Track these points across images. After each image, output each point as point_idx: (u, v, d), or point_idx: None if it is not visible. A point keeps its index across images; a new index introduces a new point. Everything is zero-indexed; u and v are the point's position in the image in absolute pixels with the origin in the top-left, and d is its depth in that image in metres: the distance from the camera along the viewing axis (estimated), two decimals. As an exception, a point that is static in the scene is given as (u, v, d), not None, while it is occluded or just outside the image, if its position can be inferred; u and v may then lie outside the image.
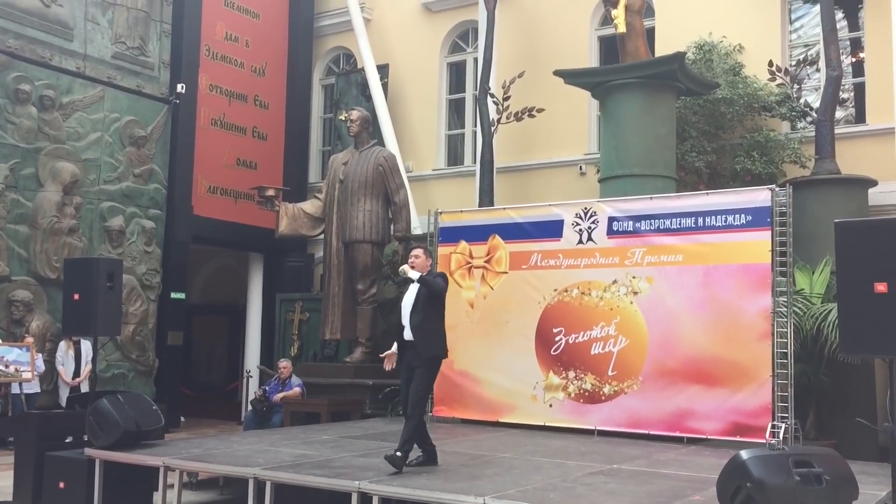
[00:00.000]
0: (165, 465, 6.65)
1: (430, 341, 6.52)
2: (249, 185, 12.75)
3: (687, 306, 8.23)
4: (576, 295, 8.90)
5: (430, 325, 6.54)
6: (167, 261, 12.65)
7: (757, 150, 10.44)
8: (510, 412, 9.06)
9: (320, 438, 7.97)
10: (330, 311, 11.39)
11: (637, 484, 5.90)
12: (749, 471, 4.38)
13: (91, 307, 7.45)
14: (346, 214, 11.33)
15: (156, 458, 6.73)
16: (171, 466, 6.66)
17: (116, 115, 12.10)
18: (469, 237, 9.66)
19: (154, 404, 7.62)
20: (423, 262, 6.71)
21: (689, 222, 8.34)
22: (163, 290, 12.55)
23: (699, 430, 8.05)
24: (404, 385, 6.64)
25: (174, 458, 6.72)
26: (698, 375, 8.07)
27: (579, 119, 12.39)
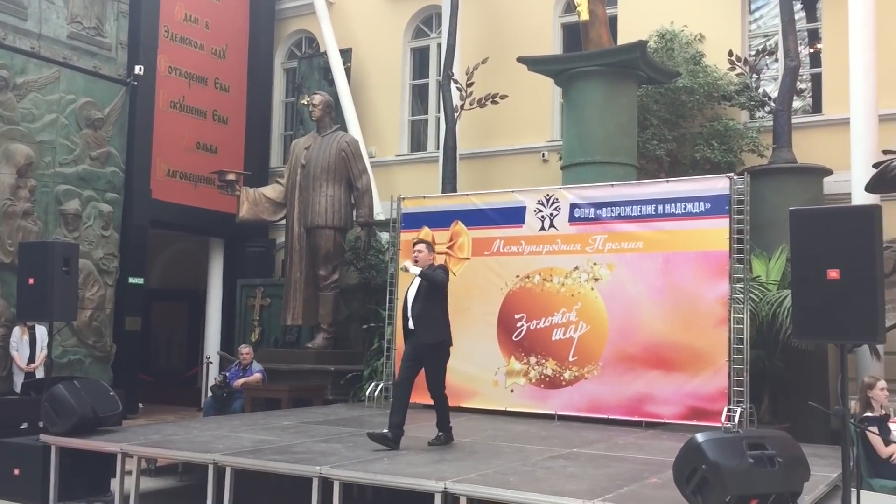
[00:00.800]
0: (123, 452, 6.59)
1: (430, 330, 6.81)
2: (210, 169, 12.61)
3: (646, 293, 8.34)
4: (538, 281, 8.97)
5: (431, 314, 6.83)
6: (125, 245, 12.46)
7: (716, 139, 10.57)
8: (472, 397, 9.11)
9: (281, 424, 7.95)
10: (291, 296, 11.33)
11: (596, 467, 5.99)
12: (704, 453, 4.46)
13: (46, 292, 7.33)
14: (308, 199, 11.26)
15: (113, 445, 6.67)
16: (128, 453, 6.60)
17: (72, 96, 11.85)
18: (432, 223, 9.67)
19: (111, 390, 7.54)
20: (426, 257, 6.99)
21: (650, 210, 8.45)
22: (120, 274, 12.36)
23: (657, 414, 8.19)
24: (403, 368, 6.92)
25: (132, 444, 6.66)
26: (657, 361, 8.20)
27: (542, 106, 12.44)
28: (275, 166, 14.78)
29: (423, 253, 6.97)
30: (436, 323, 6.83)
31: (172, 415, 12.11)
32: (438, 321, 6.85)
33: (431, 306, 6.83)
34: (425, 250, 7.01)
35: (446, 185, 11.45)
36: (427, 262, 6.96)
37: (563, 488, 5.20)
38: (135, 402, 12.10)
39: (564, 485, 5.32)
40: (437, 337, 6.83)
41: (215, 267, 14.52)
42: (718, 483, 4.39)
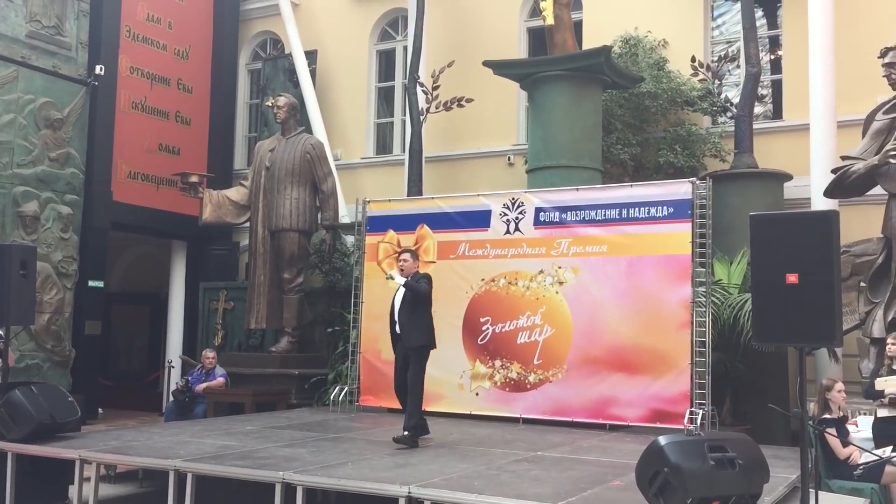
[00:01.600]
0: (81, 458, 6.48)
1: (416, 334, 7.16)
2: (172, 171, 12.46)
3: (611, 296, 8.41)
4: (503, 284, 9.00)
5: (417, 320, 7.16)
6: (85, 248, 12.25)
7: (679, 144, 10.69)
8: (437, 401, 9.10)
9: (244, 429, 7.87)
10: (255, 299, 11.25)
11: (560, 470, 6.02)
12: (666, 456, 4.50)
13: (3, 295, 7.20)
14: (272, 202, 11.19)
15: (71, 451, 6.56)
16: (87, 459, 6.49)
17: (31, 96, 11.64)
18: (397, 226, 9.67)
19: (70, 395, 7.42)
20: (410, 266, 7.27)
21: (614, 213, 8.52)
22: (80, 278, 12.16)
23: (621, 416, 8.25)
24: (398, 375, 7.30)
25: (91, 450, 6.55)
26: (621, 364, 8.27)
27: (508, 110, 12.48)
28: (239, 168, 14.64)
29: (408, 262, 7.24)
30: (420, 329, 7.16)
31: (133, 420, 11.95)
32: (422, 327, 7.18)
33: (417, 313, 7.14)
34: (410, 259, 7.27)
35: (412, 188, 11.45)
36: (412, 271, 7.20)
37: (527, 492, 5.22)
38: (94, 407, 11.91)
39: (529, 488, 5.34)
40: (421, 341, 7.16)
41: (178, 270, 14.36)
42: (680, 485, 4.44)
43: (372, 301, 9.56)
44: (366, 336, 9.63)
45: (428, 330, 7.23)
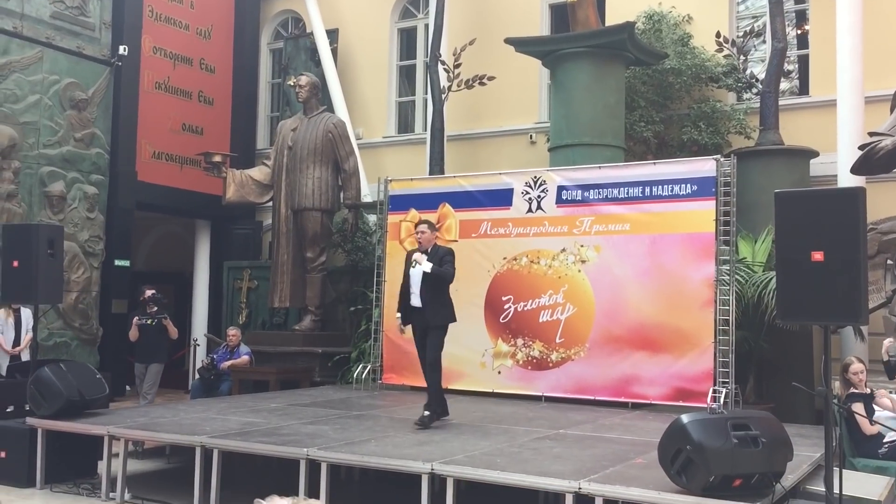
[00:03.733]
0: (110, 434, 6.59)
1: (441, 312, 7.07)
2: (195, 151, 12.53)
3: (633, 274, 8.38)
4: (525, 263, 8.99)
5: (441, 297, 7.08)
6: (110, 227, 12.39)
7: (703, 121, 10.57)
8: (459, 379, 9.14)
9: (269, 406, 7.96)
10: (279, 279, 11.32)
11: (582, 448, 6.03)
12: (689, 434, 4.50)
13: (31, 274, 7.30)
14: (294, 181, 11.23)
15: (100, 427, 6.66)
16: (115, 435, 6.60)
17: (56, 76, 11.73)
18: (419, 205, 9.67)
19: (98, 373, 7.53)
20: (429, 237, 7.14)
21: (637, 192, 8.47)
22: (106, 257, 12.30)
23: (643, 395, 8.25)
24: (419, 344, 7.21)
25: (119, 426, 6.66)
26: (643, 342, 8.25)
27: (530, 88, 12.40)
28: (261, 148, 14.68)
29: (426, 234, 7.12)
30: (445, 306, 7.10)
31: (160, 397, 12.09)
32: (446, 304, 7.12)
33: (441, 290, 7.07)
34: (428, 231, 7.15)
35: (434, 166, 11.43)
36: (430, 243, 7.11)
37: (549, 469, 5.24)
38: (121, 384, 12.08)
39: (551, 465, 5.36)
40: (445, 319, 7.11)
41: (202, 249, 14.47)
42: (703, 463, 4.44)
43: (394, 280, 9.56)
44: (388, 314, 9.65)
45: (450, 306, 7.19)
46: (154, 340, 9.98)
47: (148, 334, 9.94)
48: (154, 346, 9.99)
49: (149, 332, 9.94)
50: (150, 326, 9.93)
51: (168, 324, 10.04)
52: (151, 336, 9.94)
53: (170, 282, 16.48)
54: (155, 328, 9.95)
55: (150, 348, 9.96)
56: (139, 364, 10.03)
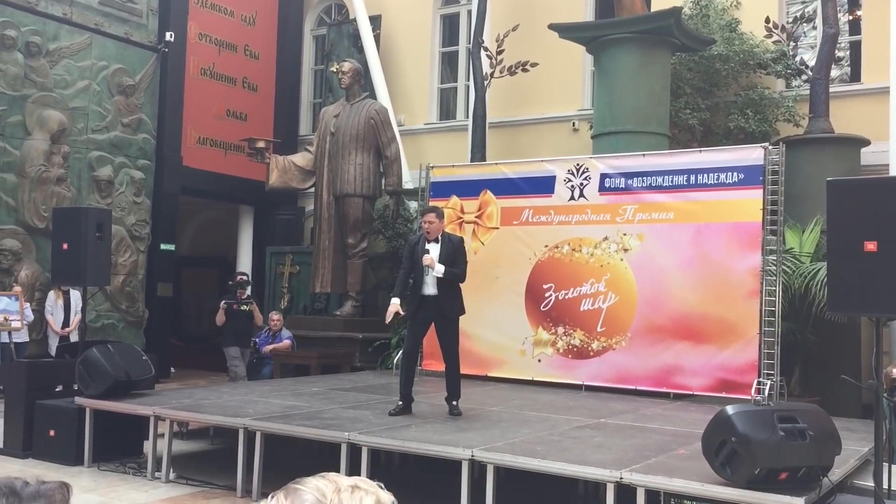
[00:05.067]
0: (156, 415, 6.69)
1: (455, 303, 6.80)
2: (239, 137, 12.64)
3: (677, 264, 8.27)
4: (566, 251, 8.91)
5: (456, 289, 6.80)
6: (156, 212, 12.58)
7: (751, 108, 10.38)
8: (499, 367, 9.13)
9: (310, 390, 8.02)
10: (320, 264, 11.39)
11: (623, 438, 5.97)
12: (734, 425, 4.42)
13: (80, 257, 7.42)
14: (336, 168, 11.27)
15: (146, 408, 6.77)
16: (161, 416, 6.70)
17: (104, 62, 11.91)
18: (460, 192, 9.64)
19: (144, 354, 7.65)
20: (437, 227, 6.76)
21: (682, 180, 8.34)
22: (152, 241, 12.50)
23: (686, 385, 8.15)
24: (411, 336, 6.87)
25: (164, 407, 6.76)
26: (686, 332, 8.14)
27: (573, 74, 12.28)
28: (304, 134, 14.77)
29: (433, 223, 6.69)
30: (459, 298, 6.86)
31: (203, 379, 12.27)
32: (460, 296, 6.88)
33: (454, 282, 6.81)
34: (436, 220, 6.72)
35: (475, 153, 11.39)
36: (439, 231, 6.75)
37: (590, 458, 5.20)
38: (167, 366, 12.29)
39: (592, 455, 5.32)
40: (460, 311, 6.88)
41: (245, 234, 14.63)
42: (748, 455, 4.36)
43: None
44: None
45: (462, 298, 6.87)
46: (247, 325, 10.10)
47: (241, 319, 10.01)
48: (247, 330, 10.11)
49: (242, 317, 10.02)
50: (243, 313, 10.01)
51: (254, 308, 10.14)
52: (245, 321, 10.05)
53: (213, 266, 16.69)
54: (248, 314, 10.05)
55: (244, 332, 10.05)
56: (235, 347, 9.98)
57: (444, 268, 6.61)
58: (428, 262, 6.58)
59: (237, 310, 9.97)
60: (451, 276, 6.67)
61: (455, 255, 6.73)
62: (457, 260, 6.73)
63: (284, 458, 6.87)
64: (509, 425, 6.35)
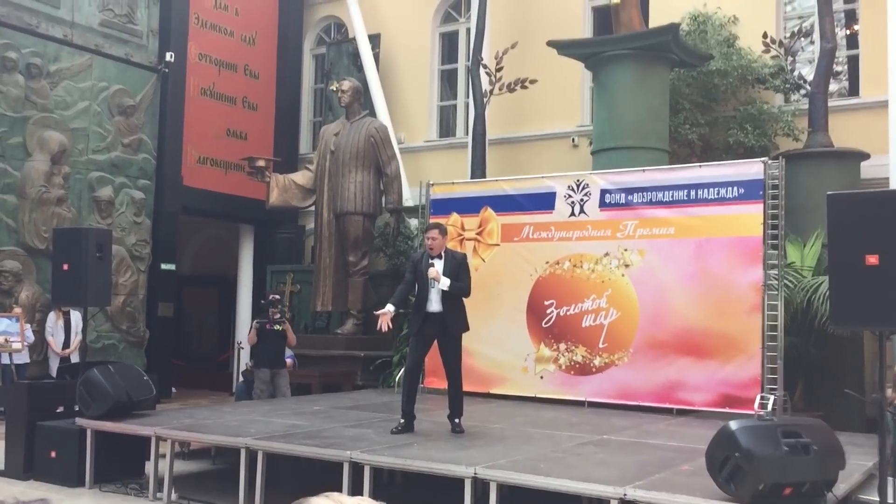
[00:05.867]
0: (157, 435, 6.67)
1: (460, 319, 6.77)
2: (240, 156, 12.69)
3: (678, 279, 8.26)
4: (567, 267, 8.92)
5: (461, 305, 6.78)
6: (157, 231, 12.61)
7: (750, 123, 10.42)
8: (501, 384, 9.11)
9: (311, 409, 8.00)
10: (321, 282, 11.41)
11: (626, 454, 5.96)
12: (738, 441, 4.42)
13: (81, 277, 7.43)
14: (337, 186, 11.31)
15: (147, 428, 6.76)
16: (162, 436, 6.69)
17: (105, 83, 11.98)
18: (461, 209, 9.65)
19: (145, 375, 7.63)
20: (440, 243, 6.76)
21: (682, 195, 8.35)
22: (153, 261, 12.51)
23: (689, 401, 8.12)
24: (414, 353, 6.82)
25: (166, 427, 6.75)
26: (689, 348, 8.13)
27: (572, 90, 12.34)
28: (304, 152, 14.83)
29: (437, 240, 6.71)
30: (463, 314, 6.83)
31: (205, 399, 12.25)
32: (464, 313, 6.86)
33: (459, 298, 6.80)
34: (439, 236, 6.74)
35: (475, 170, 11.42)
36: (442, 248, 6.76)
37: (593, 475, 5.18)
38: (168, 386, 12.27)
39: (595, 471, 5.30)
40: (464, 328, 6.87)
41: (246, 253, 14.65)
42: (752, 471, 4.35)
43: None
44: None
45: (466, 314, 6.85)
46: (280, 345, 9.69)
47: (273, 339, 9.61)
48: (280, 350, 9.70)
49: (274, 337, 9.62)
50: (276, 332, 9.60)
51: (288, 328, 9.74)
52: (277, 341, 9.64)
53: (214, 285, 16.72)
54: (280, 334, 9.65)
55: (276, 353, 9.63)
56: (264, 369, 9.53)
57: (449, 281, 6.60)
58: (433, 274, 6.58)
59: (269, 330, 9.57)
60: (456, 289, 6.65)
61: (459, 270, 6.74)
62: (461, 275, 6.73)
63: (286, 478, 6.85)
64: (512, 442, 6.33)
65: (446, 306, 6.68)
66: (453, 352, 6.82)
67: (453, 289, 6.63)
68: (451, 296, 6.70)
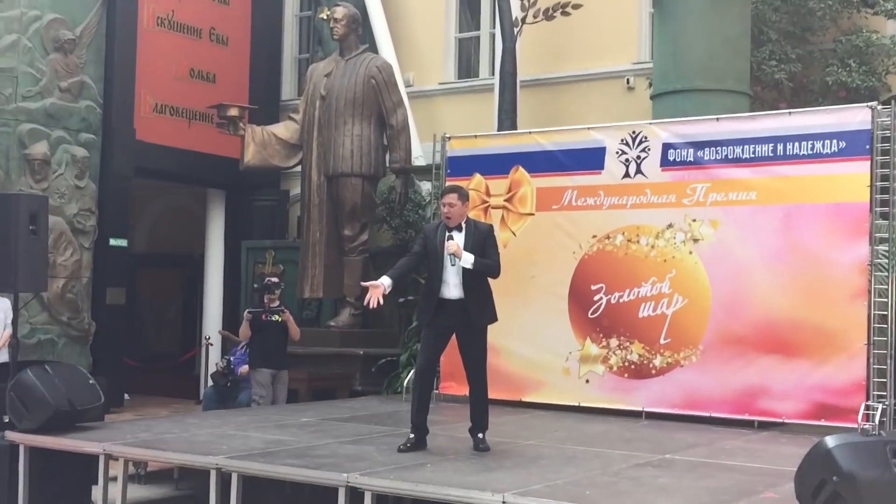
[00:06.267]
0: (106, 453, 6.73)
1: (487, 308, 6.74)
2: (207, 103, 12.68)
3: (761, 257, 8.25)
4: (620, 243, 8.91)
5: (487, 292, 6.74)
6: (104, 199, 12.65)
7: (854, 58, 10.35)
8: (536, 390, 9.14)
9: (299, 421, 8.07)
10: (310, 262, 11.44)
11: (695, 478, 5.97)
12: (836, 462, 4.41)
13: (9, 256, 7.47)
14: (329, 140, 11.30)
15: (94, 444, 6.82)
16: (113, 454, 6.75)
17: (37, 12, 11.98)
18: (485, 169, 9.64)
19: (91, 378, 7.69)
20: (459, 211, 6.69)
21: (766, 150, 8.32)
22: (99, 235, 12.58)
23: (773, 412, 8.13)
24: (427, 351, 6.80)
25: (117, 443, 6.81)
26: (774, 344, 8.12)
27: (627, 18, 12.28)
28: (287, 98, 14.84)
29: (455, 207, 6.66)
30: (489, 303, 6.81)
31: (165, 408, 12.36)
32: (491, 301, 6.83)
33: (485, 283, 6.77)
34: (458, 202, 6.68)
35: (504, 120, 11.39)
36: (462, 217, 6.72)
37: (652, 504, 5.21)
38: (119, 392, 12.37)
39: (655, 500, 5.32)
40: (491, 319, 6.83)
41: (215, 226, 14.71)
42: (854, 499, 4.35)
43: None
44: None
45: (493, 303, 6.84)
46: (280, 340, 9.63)
47: (271, 332, 9.53)
48: (281, 346, 9.64)
49: (273, 329, 9.54)
50: (274, 323, 9.52)
51: (288, 318, 9.66)
52: (277, 334, 9.58)
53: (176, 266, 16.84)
54: (280, 326, 9.58)
55: (276, 349, 9.57)
56: (263, 369, 9.51)
57: (473, 257, 6.57)
58: (454, 248, 6.53)
59: (266, 321, 9.51)
60: (482, 267, 6.63)
61: (484, 245, 6.70)
62: (487, 251, 6.71)
63: (267, 507, 6.92)
64: (550, 463, 6.36)
65: (468, 291, 6.66)
66: (477, 349, 6.81)
67: (478, 267, 6.61)
68: (475, 278, 6.68)
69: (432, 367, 7.06)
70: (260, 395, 9.45)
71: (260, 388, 9.47)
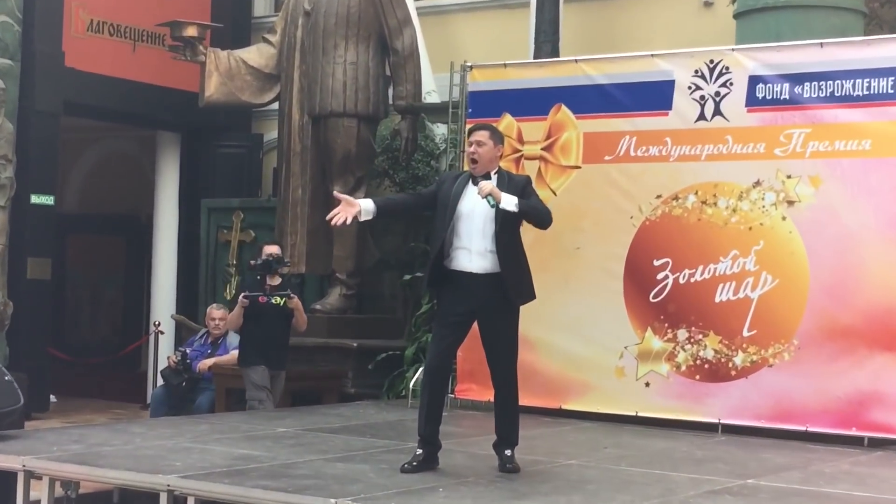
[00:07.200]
0: (26, 469, 6.77)
1: (523, 283, 6.66)
2: (158, 20, 12.65)
3: (876, 226, 8.24)
4: (693, 205, 8.90)
5: (521, 257, 6.66)
6: (24, 143, 12.66)
7: None
8: (581, 395, 9.17)
9: (274, 431, 8.11)
10: (289, 228, 11.46)
11: (786, 510, 6.00)
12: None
13: None
14: (315, 70, 11.29)
15: (12, 458, 6.85)
16: (34, 471, 6.78)
17: None
18: (517, 108, 9.64)
19: (7, 374, 7.73)
20: (490, 153, 6.58)
21: (884, 86, 8.28)
22: (18, 190, 12.60)
23: (889, 425, 8.13)
24: (440, 343, 6.74)
25: (41, 457, 6.84)
26: (891, 339, 8.11)
27: None
28: (260, 15, 14.81)
29: (484, 146, 6.57)
30: (527, 275, 6.73)
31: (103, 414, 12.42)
32: (528, 267, 6.75)
33: (517, 242, 6.68)
34: (488, 141, 6.60)
35: (542, 44, 11.35)
36: (493, 163, 6.63)
37: (731, 543, 5.23)
38: (44, 392, 12.42)
39: (734, 537, 5.34)
40: (529, 294, 6.75)
41: (167, 179, 14.70)
42: None
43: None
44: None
45: (529, 272, 6.77)
46: (283, 330, 9.59)
47: (272, 320, 9.47)
48: (282, 337, 9.61)
49: (275, 316, 9.47)
50: (276, 308, 9.42)
51: (295, 304, 9.53)
52: (279, 322, 9.51)
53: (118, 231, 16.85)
54: (284, 311, 9.49)
55: (276, 342, 9.51)
56: (258, 367, 9.41)
57: (515, 198, 6.43)
58: (489, 188, 6.35)
59: (265, 304, 9.38)
60: (531, 210, 6.54)
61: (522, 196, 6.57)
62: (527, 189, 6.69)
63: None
64: (598, 489, 6.37)
65: (503, 254, 6.48)
66: (506, 340, 6.77)
67: (524, 209, 6.46)
68: (515, 248, 6.64)
69: (447, 364, 7.02)
70: (258, 400, 9.37)
71: (257, 391, 9.40)
